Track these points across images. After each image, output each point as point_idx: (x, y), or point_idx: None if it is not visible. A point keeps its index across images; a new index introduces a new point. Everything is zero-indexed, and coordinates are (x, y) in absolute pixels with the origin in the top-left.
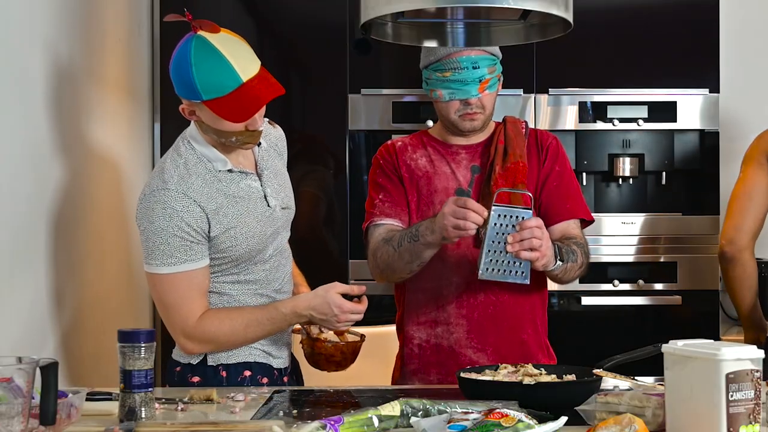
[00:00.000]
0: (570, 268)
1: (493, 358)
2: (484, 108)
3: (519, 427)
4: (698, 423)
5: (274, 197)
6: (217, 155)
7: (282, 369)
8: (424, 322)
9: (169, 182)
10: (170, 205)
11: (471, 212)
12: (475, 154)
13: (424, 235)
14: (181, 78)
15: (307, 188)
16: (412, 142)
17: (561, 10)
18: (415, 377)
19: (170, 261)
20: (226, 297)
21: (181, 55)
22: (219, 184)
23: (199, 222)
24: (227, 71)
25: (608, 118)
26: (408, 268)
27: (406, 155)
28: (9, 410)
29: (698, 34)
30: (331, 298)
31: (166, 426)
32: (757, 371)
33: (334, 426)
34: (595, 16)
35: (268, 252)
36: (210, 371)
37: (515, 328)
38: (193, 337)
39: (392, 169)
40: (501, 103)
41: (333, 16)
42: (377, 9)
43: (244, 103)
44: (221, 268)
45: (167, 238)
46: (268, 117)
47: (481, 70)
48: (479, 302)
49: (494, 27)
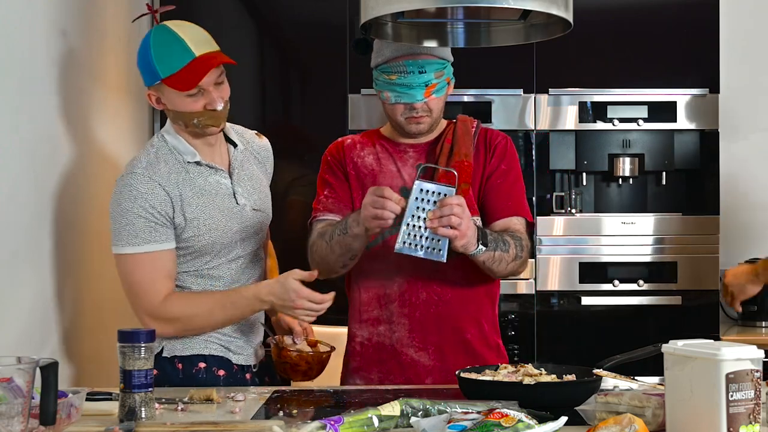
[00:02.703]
0: (499, 257)
1: (435, 357)
2: (430, 112)
3: (519, 427)
4: (698, 423)
5: (245, 197)
6: (187, 147)
7: (244, 366)
8: (367, 320)
9: (137, 167)
10: (135, 187)
11: (389, 202)
12: (422, 152)
13: (351, 227)
14: (143, 64)
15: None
16: (362, 140)
17: (561, 10)
18: (357, 375)
19: (135, 241)
20: (187, 291)
21: (143, 44)
22: (186, 174)
23: (164, 205)
24: (180, 47)
25: (608, 118)
26: (340, 261)
27: (353, 153)
28: (9, 410)
29: (698, 34)
30: (289, 283)
31: (166, 426)
32: (757, 371)
33: (334, 426)
34: (595, 16)
35: (235, 251)
36: (166, 363)
37: (458, 327)
38: (158, 317)
39: (339, 167)
40: (501, 103)
41: (333, 16)
42: (377, 9)
43: (192, 74)
44: (185, 259)
45: (132, 219)
46: (268, 116)
47: (427, 75)
48: (421, 301)
49: (494, 27)
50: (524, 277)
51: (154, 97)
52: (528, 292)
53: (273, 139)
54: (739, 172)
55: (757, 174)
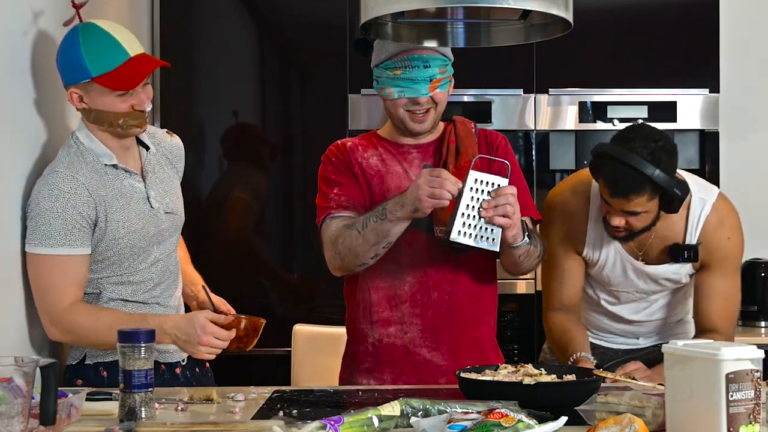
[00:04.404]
0: (532, 252)
1: (448, 357)
2: (435, 106)
3: (519, 427)
4: (698, 423)
5: (158, 201)
6: (103, 150)
7: (172, 363)
8: (377, 321)
9: (58, 167)
10: (57, 186)
11: (447, 181)
12: (426, 153)
13: (392, 211)
14: (69, 61)
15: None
16: (362, 143)
17: (561, 10)
18: (370, 376)
19: (49, 242)
20: (93, 305)
21: (67, 41)
22: (105, 176)
23: (86, 206)
24: (115, 47)
25: (608, 118)
26: (373, 251)
27: (357, 154)
28: (9, 410)
29: (698, 34)
30: (197, 320)
31: (166, 426)
32: (757, 371)
33: (334, 426)
34: (595, 16)
35: (153, 254)
36: (90, 371)
37: (469, 326)
38: (57, 324)
39: (346, 167)
40: (501, 103)
41: (333, 16)
42: (377, 9)
43: (131, 74)
44: (105, 264)
45: (49, 219)
46: (267, 116)
47: (431, 70)
48: (433, 301)
49: (494, 27)
50: (524, 277)
51: (76, 95)
52: (528, 292)
53: (273, 139)
54: (739, 172)
55: (757, 174)
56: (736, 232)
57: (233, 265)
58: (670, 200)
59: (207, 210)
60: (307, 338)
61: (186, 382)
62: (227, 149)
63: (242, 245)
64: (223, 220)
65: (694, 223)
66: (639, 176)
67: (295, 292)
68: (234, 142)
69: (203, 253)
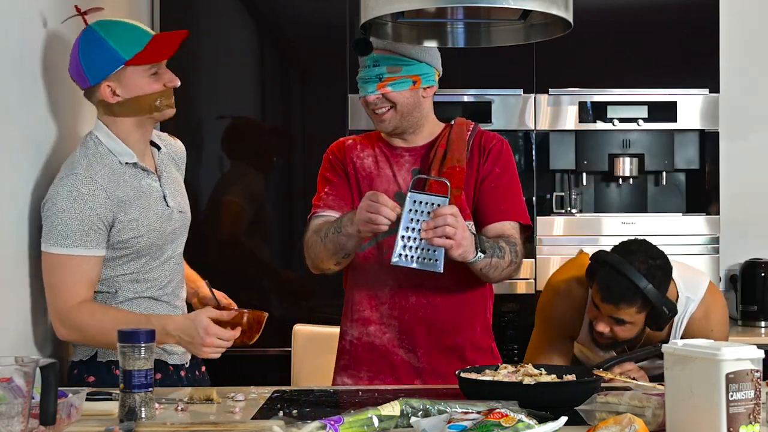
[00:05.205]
0: (495, 264)
1: (425, 360)
2: (393, 105)
3: (519, 427)
4: (698, 423)
5: (172, 200)
6: (124, 148)
7: (178, 365)
8: (358, 320)
9: (77, 168)
10: (76, 188)
11: (384, 208)
12: (417, 157)
13: (345, 226)
14: (95, 57)
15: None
16: (363, 142)
17: (561, 10)
18: (345, 373)
19: (65, 242)
20: (101, 304)
21: (85, 39)
22: (124, 177)
23: (103, 208)
24: (136, 29)
25: (608, 118)
26: (333, 260)
27: (353, 153)
28: (9, 410)
29: (698, 34)
30: (199, 321)
31: (166, 426)
32: (757, 371)
33: (334, 426)
34: (595, 16)
35: (167, 252)
36: (103, 368)
37: (448, 331)
38: (65, 322)
39: (340, 166)
40: (501, 103)
41: (333, 16)
42: (377, 9)
43: (162, 47)
44: (122, 261)
45: (67, 220)
46: (267, 116)
47: (379, 68)
48: (411, 304)
49: (494, 27)
50: (524, 277)
51: (109, 89)
52: (528, 292)
53: (273, 139)
54: (739, 172)
55: (757, 174)
56: (721, 324)
57: (233, 265)
58: (657, 317)
59: (207, 210)
60: (307, 338)
61: (188, 384)
62: (227, 149)
63: (242, 245)
64: (223, 221)
65: (678, 322)
66: (632, 287)
67: (295, 292)
68: (234, 142)
69: (203, 253)
